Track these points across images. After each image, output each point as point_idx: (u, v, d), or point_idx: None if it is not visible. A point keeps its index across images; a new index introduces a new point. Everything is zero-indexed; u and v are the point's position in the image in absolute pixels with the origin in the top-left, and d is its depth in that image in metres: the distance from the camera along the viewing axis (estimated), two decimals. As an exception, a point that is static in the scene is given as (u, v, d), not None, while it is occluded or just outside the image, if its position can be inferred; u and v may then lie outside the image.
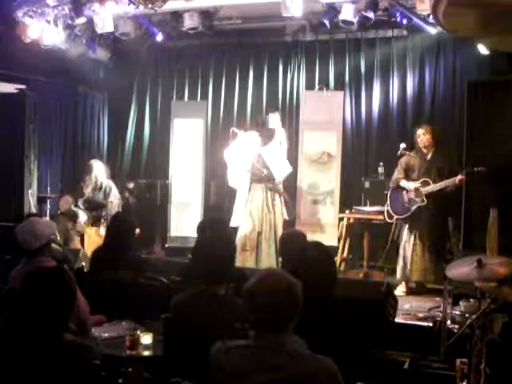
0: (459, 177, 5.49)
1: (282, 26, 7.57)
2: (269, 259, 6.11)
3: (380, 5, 6.32)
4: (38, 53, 6.88)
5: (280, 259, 5.81)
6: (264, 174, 6.29)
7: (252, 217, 6.23)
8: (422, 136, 5.77)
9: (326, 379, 2.03)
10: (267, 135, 6.43)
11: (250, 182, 6.32)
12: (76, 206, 6.95)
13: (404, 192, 5.84)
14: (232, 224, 6.28)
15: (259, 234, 6.20)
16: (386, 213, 6.02)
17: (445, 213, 5.75)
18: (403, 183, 5.84)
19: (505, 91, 5.55)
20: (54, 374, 2.11)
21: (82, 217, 6.87)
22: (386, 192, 6.21)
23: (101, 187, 6.91)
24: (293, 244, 3.54)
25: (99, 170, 6.91)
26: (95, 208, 6.93)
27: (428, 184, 5.68)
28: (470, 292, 4.49)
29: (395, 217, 5.90)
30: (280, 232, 6.20)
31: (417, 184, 5.72)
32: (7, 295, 2.97)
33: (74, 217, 6.90)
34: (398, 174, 5.92)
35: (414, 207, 5.74)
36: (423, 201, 5.68)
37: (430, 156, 5.80)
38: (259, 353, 2.06)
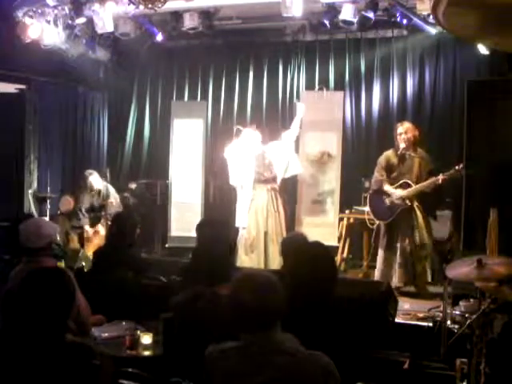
0: (441, 176, 5.45)
1: (282, 26, 7.56)
2: (279, 259, 6.10)
3: (380, 5, 6.32)
4: (38, 53, 6.87)
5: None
6: (267, 175, 6.28)
7: (257, 218, 6.22)
8: (404, 135, 5.62)
9: (321, 374, 2.04)
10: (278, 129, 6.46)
11: (253, 182, 6.30)
12: (79, 210, 6.94)
13: (385, 196, 5.73)
14: (237, 224, 6.26)
15: (266, 234, 6.19)
16: (367, 217, 5.99)
17: (429, 210, 5.72)
18: (387, 188, 5.72)
19: (505, 91, 5.55)
20: (54, 374, 2.11)
21: (85, 223, 6.88)
22: (364, 195, 6.16)
23: (98, 193, 6.94)
24: (293, 245, 3.54)
25: (94, 180, 6.94)
26: (97, 211, 6.94)
27: (409, 186, 5.61)
28: (470, 292, 4.49)
29: (377, 222, 5.85)
30: (286, 232, 6.21)
31: (402, 192, 5.61)
32: (7, 295, 2.96)
33: (78, 220, 6.92)
34: (379, 174, 5.77)
35: (398, 210, 5.64)
36: (406, 204, 5.61)
37: (408, 155, 5.67)
38: (252, 353, 2.07)
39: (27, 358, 2.11)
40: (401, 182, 5.68)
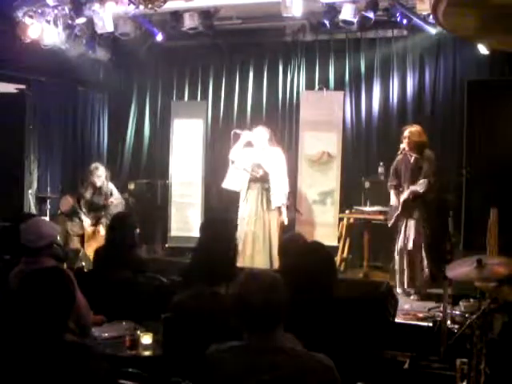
0: (423, 183, 5.47)
1: (282, 26, 7.56)
2: (263, 259, 6.10)
3: (380, 5, 6.31)
4: (38, 53, 6.87)
5: (278, 259, 5.86)
6: (260, 174, 6.24)
7: (247, 217, 6.21)
8: (408, 139, 5.63)
9: (322, 375, 2.04)
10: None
11: (248, 181, 6.29)
12: (79, 209, 6.91)
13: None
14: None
15: (254, 233, 6.18)
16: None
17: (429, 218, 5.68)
18: (391, 194, 5.83)
19: (505, 91, 5.56)
20: (53, 375, 2.11)
21: (86, 221, 6.86)
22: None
23: (101, 191, 6.89)
24: (293, 245, 3.54)
25: (99, 175, 6.87)
26: (97, 209, 6.92)
27: (402, 193, 5.68)
28: (470, 292, 4.49)
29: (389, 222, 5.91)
30: (274, 233, 6.18)
31: (394, 201, 5.73)
32: (6, 295, 2.96)
33: (79, 220, 6.89)
34: (390, 179, 5.88)
35: (394, 215, 5.74)
36: (398, 210, 5.67)
37: (413, 159, 5.66)
38: (255, 353, 2.06)
39: (26, 358, 2.10)
40: (402, 187, 5.73)
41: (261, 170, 6.24)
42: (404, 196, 5.62)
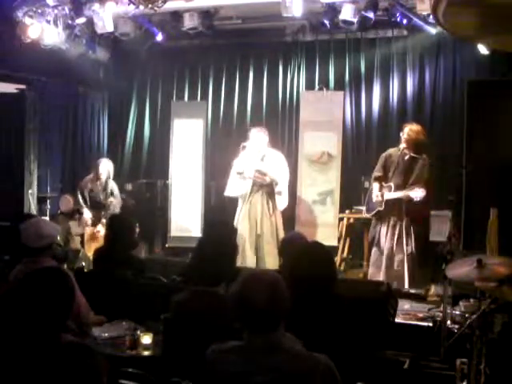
0: (422, 192, 5.29)
1: (282, 25, 7.56)
2: (274, 261, 6.08)
3: (380, 5, 6.32)
4: (38, 53, 6.87)
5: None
6: (267, 182, 6.17)
7: (250, 219, 6.19)
8: (406, 135, 5.55)
9: (322, 375, 2.04)
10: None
11: (251, 185, 6.23)
12: (81, 202, 6.88)
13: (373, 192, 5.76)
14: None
15: (259, 236, 6.15)
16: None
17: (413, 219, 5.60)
18: (373, 185, 5.73)
19: (505, 91, 5.56)
20: (53, 375, 2.11)
21: (88, 215, 6.84)
22: (365, 187, 6.30)
23: (105, 187, 6.88)
24: (293, 245, 3.54)
25: (104, 169, 6.86)
26: (97, 207, 6.91)
27: (390, 190, 5.57)
28: (470, 292, 4.49)
29: (365, 214, 5.91)
30: (282, 233, 6.17)
31: (378, 196, 5.61)
32: (6, 295, 2.96)
33: (79, 215, 6.88)
34: (376, 170, 5.76)
35: (375, 209, 5.68)
36: (381, 206, 5.59)
37: (408, 156, 5.59)
38: (255, 353, 2.06)
39: (26, 358, 2.10)
40: (389, 183, 5.64)
41: (267, 177, 6.17)
42: (393, 195, 5.53)
